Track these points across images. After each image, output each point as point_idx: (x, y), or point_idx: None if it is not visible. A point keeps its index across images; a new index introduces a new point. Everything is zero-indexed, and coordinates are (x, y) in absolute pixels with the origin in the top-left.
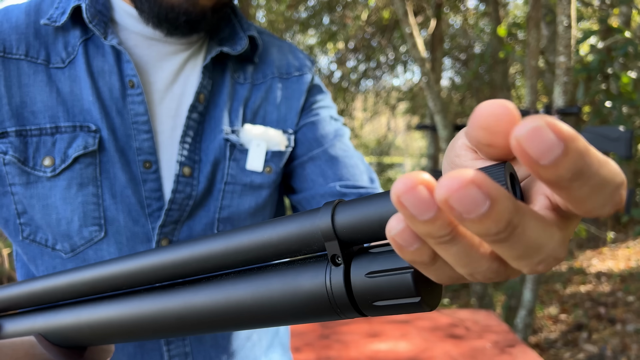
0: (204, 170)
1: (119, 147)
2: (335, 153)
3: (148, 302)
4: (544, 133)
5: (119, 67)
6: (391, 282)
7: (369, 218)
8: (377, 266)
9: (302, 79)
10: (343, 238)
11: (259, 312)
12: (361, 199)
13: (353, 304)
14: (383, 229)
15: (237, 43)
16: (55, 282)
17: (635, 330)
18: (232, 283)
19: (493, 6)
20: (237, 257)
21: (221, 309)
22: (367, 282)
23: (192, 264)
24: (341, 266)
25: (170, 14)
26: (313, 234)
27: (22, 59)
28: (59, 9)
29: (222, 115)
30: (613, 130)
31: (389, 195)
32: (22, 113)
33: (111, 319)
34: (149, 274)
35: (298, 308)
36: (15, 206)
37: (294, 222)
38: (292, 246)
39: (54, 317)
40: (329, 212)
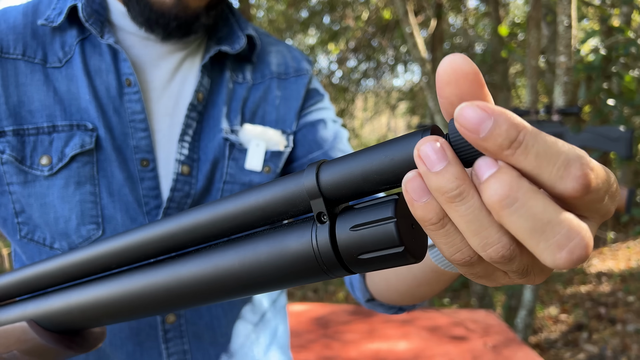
0: (202, 169)
1: (116, 145)
2: (334, 155)
3: (136, 279)
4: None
5: (115, 66)
6: (375, 233)
7: (353, 173)
8: (361, 219)
9: (300, 79)
10: (328, 195)
11: (248, 278)
12: (345, 156)
13: (340, 260)
14: (367, 184)
15: (235, 42)
16: (43, 268)
17: (636, 330)
18: (219, 252)
19: (493, 6)
20: (225, 224)
21: (209, 278)
22: (351, 235)
23: (180, 235)
24: (326, 223)
25: (161, 19)
26: (298, 193)
27: (20, 58)
28: (56, 10)
29: (220, 115)
30: (613, 130)
31: (372, 149)
32: (19, 112)
33: (100, 299)
34: (137, 250)
35: (286, 270)
36: (13, 205)
37: (280, 184)
38: (278, 208)
39: (44, 303)
40: (314, 170)
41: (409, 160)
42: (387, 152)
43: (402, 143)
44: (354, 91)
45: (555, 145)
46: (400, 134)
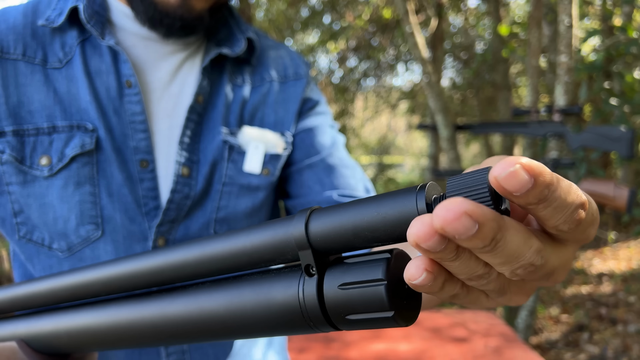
0: (202, 171)
1: (115, 146)
2: (332, 162)
3: (123, 311)
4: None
5: (116, 67)
6: (364, 295)
7: (343, 227)
8: (351, 277)
9: (299, 82)
10: (317, 247)
11: (233, 323)
12: (336, 207)
13: (326, 317)
14: (358, 239)
15: (235, 45)
16: (36, 288)
17: (637, 331)
18: (206, 293)
19: (494, 5)
20: (212, 265)
21: (195, 319)
22: (339, 294)
23: (169, 271)
24: (315, 277)
25: (166, 19)
26: (287, 242)
27: (20, 59)
28: (56, 10)
29: (220, 117)
30: (614, 130)
31: (364, 204)
32: (19, 113)
33: (87, 327)
34: (126, 281)
35: (271, 320)
36: (11, 205)
37: (268, 229)
38: (265, 255)
39: (35, 323)
40: (303, 219)
41: (401, 219)
42: (380, 208)
43: (395, 201)
44: (354, 91)
45: (569, 196)
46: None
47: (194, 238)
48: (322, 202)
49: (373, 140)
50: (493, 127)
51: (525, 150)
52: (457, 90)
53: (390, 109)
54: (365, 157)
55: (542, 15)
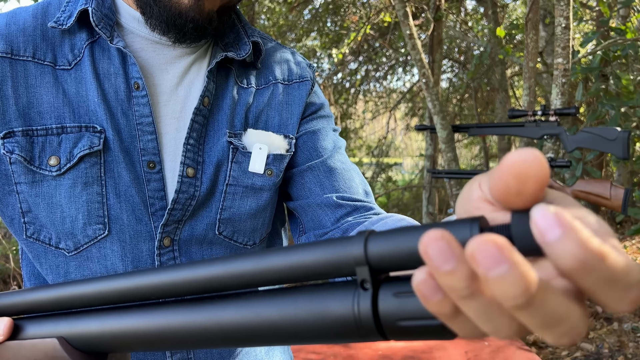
0: (207, 172)
1: (123, 147)
2: (333, 165)
3: (175, 315)
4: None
5: (124, 70)
6: (416, 302)
7: (399, 248)
8: (406, 288)
9: (303, 85)
10: (374, 265)
11: (286, 331)
12: (393, 231)
13: (378, 327)
14: (411, 260)
15: (241, 48)
16: (82, 289)
17: (632, 328)
18: (261, 301)
19: (492, 8)
20: (269, 276)
21: (248, 326)
22: (394, 301)
23: (224, 280)
24: (369, 291)
25: (178, 20)
26: (345, 259)
27: (29, 60)
28: (66, 12)
29: (225, 119)
30: (610, 131)
31: (419, 232)
32: (28, 113)
33: (136, 328)
34: (179, 287)
35: (324, 330)
36: (20, 205)
37: (328, 247)
38: (323, 269)
39: (78, 322)
40: (362, 240)
41: None
42: None
43: (451, 228)
44: (354, 93)
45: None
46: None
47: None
48: (322, 205)
49: (373, 141)
50: (490, 129)
51: None
52: (455, 92)
53: (389, 111)
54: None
55: (539, 17)
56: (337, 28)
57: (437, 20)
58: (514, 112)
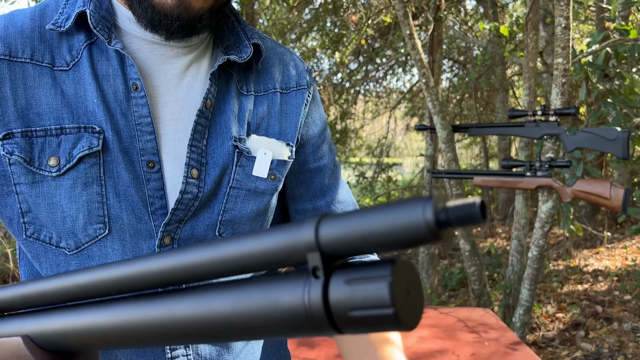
0: (211, 173)
1: (122, 147)
2: (335, 208)
3: (132, 310)
4: None
5: (123, 71)
6: (368, 289)
7: (353, 232)
8: (357, 274)
9: (301, 93)
10: (325, 250)
11: (238, 325)
12: (345, 214)
13: (330, 318)
14: (366, 244)
15: (242, 51)
16: (46, 285)
17: (632, 328)
18: (214, 293)
19: (492, 8)
20: (223, 266)
21: (202, 320)
22: (344, 289)
23: (179, 272)
24: (320, 279)
25: (164, 20)
26: (296, 244)
27: (28, 62)
28: (64, 14)
29: (228, 122)
30: (610, 131)
31: (374, 210)
32: (27, 114)
33: (94, 325)
34: (137, 281)
35: (276, 323)
36: (19, 205)
37: (279, 231)
38: (275, 256)
39: (42, 320)
40: (314, 223)
41: (409, 226)
42: (388, 216)
43: (403, 209)
44: (355, 93)
45: None
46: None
47: (203, 240)
48: (312, 211)
49: (373, 141)
50: (490, 129)
51: (521, 151)
52: (455, 92)
53: (389, 111)
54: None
55: (539, 17)
56: (337, 29)
57: (437, 20)
58: (514, 112)
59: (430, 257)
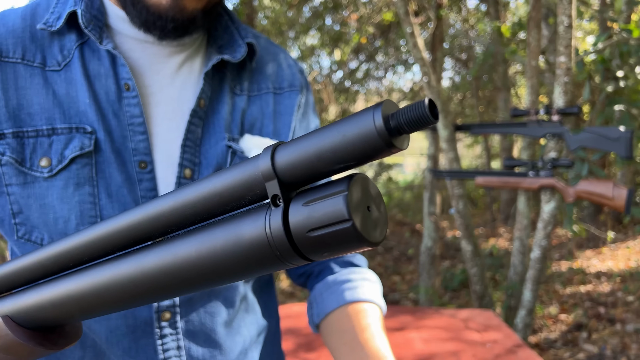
0: (204, 173)
1: (114, 148)
2: None
3: (103, 272)
4: None
5: (114, 71)
6: (324, 206)
7: (307, 152)
8: (315, 195)
9: (294, 94)
10: (283, 177)
11: (206, 268)
12: (299, 138)
13: (292, 244)
14: (321, 163)
15: (236, 50)
16: (20, 264)
17: (635, 330)
18: (179, 242)
19: (494, 6)
20: (186, 212)
21: (170, 269)
22: (302, 211)
23: (143, 225)
24: (280, 206)
25: (158, 21)
26: (254, 176)
27: (19, 62)
28: (55, 14)
29: (223, 122)
30: (613, 131)
31: (325, 128)
32: (19, 115)
33: (70, 294)
34: (105, 242)
35: (241, 258)
36: (10, 206)
37: (237, 168)
38: (235, 192)
39: (19, 299)
40: (269, 152)
41: (360, 136)
42: (340, 129)
43: (354, 120)
44: (355, 91)
45: None
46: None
47: None
48: None
49: None
50: (492, 128)
51: (523, 151)
52: (457, 91)
53: None
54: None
55: (541, 16)
56: (338, 27)
57: (438, 18)
58: (517, 112)
59: (431, 257)
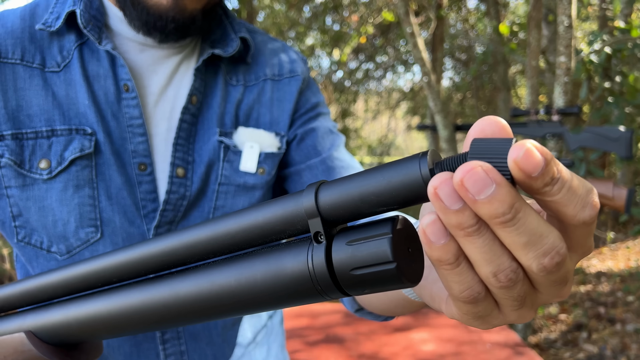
0: (197, 171)
1: (114, 149)
2: (332, 164)
3: (135, 294)
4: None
5: (113, 72)
6: (369, 247)
7: (351, 194)
8: (358, 235)
9: (294, 80)
10: (326, 215)
11: (245, 297)
12: (343, 178)
13: (334, 280)
14: (364, 205)
15: (228, 45)
16: (44, 280)
17: (635, 330)
18: (217, 269)
19: (493, 7)
20: (224, 242)
21: (206, 295)
22: (346, 250)
23: (180, 251)
24: (323, 243)
25: (159, 22)
26: (297, 212)
27: (18, 63)
28: (54, 14)
29: (215, 117)
30: (613, 131)
31: (370, 171)
32: (18, 116)
33: (99, 313)
34: (137, 265)
35: (282, 290)
36: (10, 209)
37: (279, 203)
38: (277, 226)
39: (43, 315)
40: (313, 190)
41: (406, 183)
42: (385, 174)
43: (399, 167)
44: (355, 91)
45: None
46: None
47: None
48: (306, 170)
49: (374, 140)
50: None
51: None
52: (457, 91)
53: (390, 110)
54: (366, 157)
55: (541, 16)
56: (338, 27)
57: (439, 19)
58: (517, 112)
59: None
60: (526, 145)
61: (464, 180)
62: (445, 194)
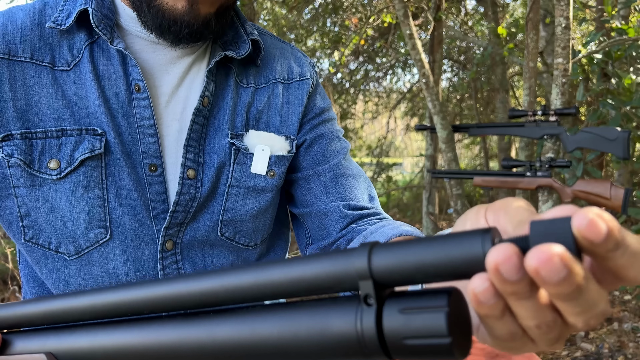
0: (208, 173)
1: (124, 150)
2: (340, 171)
3: (169, 330)
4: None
5: (125, 71)
6: (425, 319)
7: (407, 262)
8: (412, 304)
9: (304, 84)
10: (378, 279)
11: (284, 348)
12: (398, 244)
13: (383, 346)
14: (419, 274)
15: (240, 47)
16: (72, 302)
17: (632, 328)
18: (258, 316)
19: (492, 8)
20: (267, 289)
21: (246, 343)
22: (399, 318)
23: (219, 293)
24: (373, 307)
25: (173, 26)
26: (347, 272)
27: (27, 61)
28: (64, 12)
29: (226, 119)
30: (610, 131)
31: (429, 244)
32: (27, 116)
33: (129, 345)
34: (173, 300)
35: (325, 348)
36: (18, 209)
37: (330, 258)
38: (324, 282)
39: (67, 338)
40: (366, 252)
41: (466, 258)
42: (446, 248)
43: (461, 241)
44: (355, 92)
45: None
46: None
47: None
48: (328, 214)
49: (373, 141)
50: (490, 129)
51: (521, 151)
52: (455, 92)
53: (389, 111)
54: (365, 158)
55: (539, 17)
56: (337, 28)
57: (437, 20)
58: (514, 112)
59: None
60: (589, 215)
61: (539, 268)
62: (507, 270)
